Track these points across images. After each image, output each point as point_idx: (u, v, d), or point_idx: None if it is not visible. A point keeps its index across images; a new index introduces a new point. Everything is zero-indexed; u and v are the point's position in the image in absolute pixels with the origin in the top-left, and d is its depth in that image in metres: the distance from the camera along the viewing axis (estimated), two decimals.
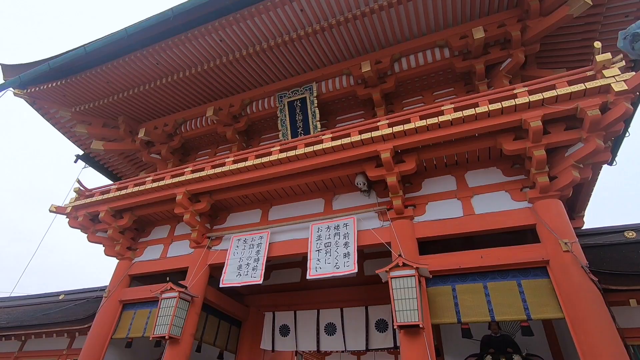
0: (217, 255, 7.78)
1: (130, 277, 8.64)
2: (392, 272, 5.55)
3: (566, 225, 5.49)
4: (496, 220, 5.92)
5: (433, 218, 6.42)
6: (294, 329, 9.04)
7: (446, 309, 5.61)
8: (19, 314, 11.07)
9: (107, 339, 7.79)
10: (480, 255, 5.70)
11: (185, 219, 7.92)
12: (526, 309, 5.19)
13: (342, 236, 6.74)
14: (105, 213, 8.44)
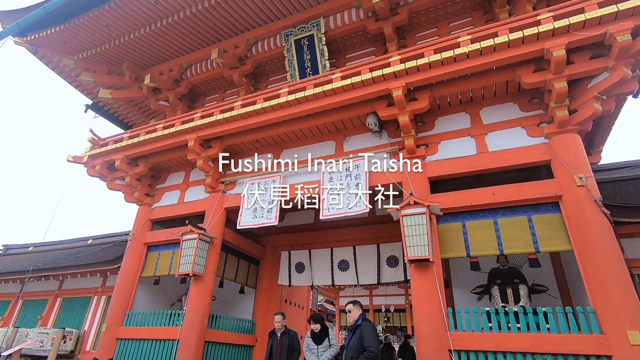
0: (232, 199, 8.01)
1: (151, 221, 9.05)
2: (403, 210, 5.66)
3: (582, 161, 5.38)
4: (510, 157, 5.83)
5: (445, 157, 6.36)
6: (309, 266, 9.54)
7: (456, 244, 5.78)
8: (54, 257, 11.91)
9: (137, 278, 8.41)
10: (492, 192, 5.72)
11: (198, 165, 8.05)
12: (535, 242, 5.31)
13: (353, 177, 6.80)
14: (121, 161, 8.62)
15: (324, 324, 5.68)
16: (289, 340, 5.84)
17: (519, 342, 4.77)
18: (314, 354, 5.46)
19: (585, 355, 4.46)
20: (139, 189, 9.10)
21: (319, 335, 5.53)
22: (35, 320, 10.72)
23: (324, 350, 5.41)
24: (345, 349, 4.30)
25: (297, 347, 5.89)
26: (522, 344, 4.75)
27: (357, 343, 3.95)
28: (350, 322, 4.27)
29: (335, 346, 5.50)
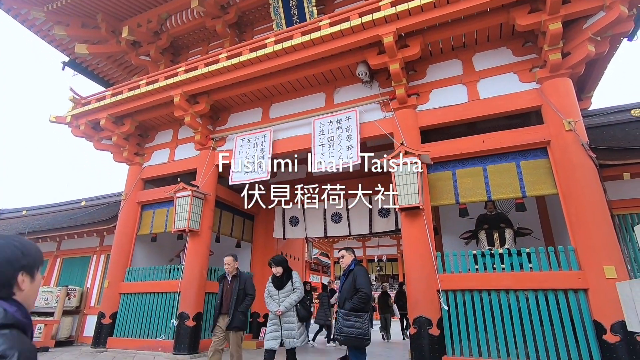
0: (223, 156, 7.95)
1: (143, 181, 9.02)
2: (394, 160, 5.71)
3: (572, 105, 5.39)
4: (501, 103, 5.80)
5: (436, 106, 6.30)
6: (302, 219, 9.75)
7: (445, 192, 5.91)
8: (48, 219, 11.95)
9: (133, 236, 8.54)
10: (482, 140, 5.75)
11: (186, 122, 7.88)
12: (522, 187, 5.45)
13: (344, 129, 6.75)
14: (106, 120, 8.38)
15: (287, 267, 4.92)
16: (241, 284, 5.15)
17: (503, 281, 5.06)
18: (275, 300, 4.72)
19: (563, 290, 4.77)
20: (128, 148, 8.95)
21: (280, 279, 4.80)
22: None
23: (285, 296, 4.67)
24: (339, 292, 4.41)
25: (250, 291, 5.19)
26: (505, 282, 5.04)
27: (350, 286, 4.12)
28: (343, 267, 4.44)
29: (299, 290, 4.77)
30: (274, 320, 4.65)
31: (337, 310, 4.19)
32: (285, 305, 4.58)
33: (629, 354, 4.15)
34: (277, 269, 4.81)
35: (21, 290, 1.16)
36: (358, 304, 4.00)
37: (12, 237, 1.23)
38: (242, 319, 5.01)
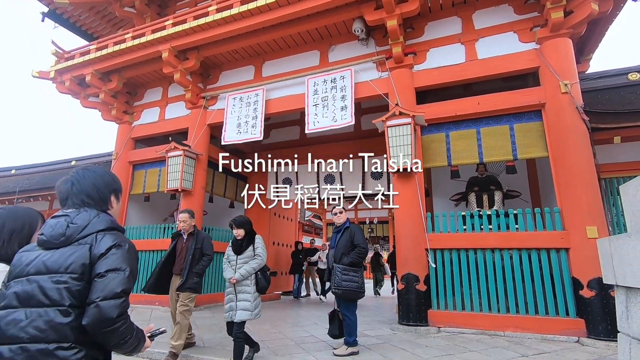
0: (214, 115, 7.80)
1: (133, 140, 8.87)
2: (388, 122, 5.66)
3: (570, 67, 5.31)
4: (499, 64, 5.69)
5: (433, 66, 6.16)
6: (295, 181, 9.79)
7: (438, 154, 5.94)
8: (39, 178, 11.82)
9: (126, 195, 8.53)
10: (478, 101, 5.70)
11: (175, 79, 7.63)
12: (514, 150, 5.49)
13: (339, 89, 6.61)
14: (92, 76, 8.07)
15: (250, 229, 4.11)
16: (197, 244, 4.56)
17: (489, 240, 5.24)
18: (232, 266, 4.01)
19: (546, 249, 4.96)
20: (116, 106, 8.71)
21: (240, 243, 4.03)
22: None
23: (244, 262, 3.94)
24: (334, 248, 4.38)
25: (208, 251, 4.62)
26: (491, 242, 5.22)
27: (347, 242, 4.20)
28: (339, 223, 4.47)
29: (260, 257, 4.02)
30: (229, 289, 4.01)
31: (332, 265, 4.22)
32: (242, 273, 3.87)
33: (602, 308, 4.41)
34: (237, 231, 4.03)
35: (112, 208, 1.51)
36: (357, 258, 4.13)
37: (104, 168, 1.59)
38: (197, 281, 4.42)
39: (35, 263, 1.26)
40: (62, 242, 1.29)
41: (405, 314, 5.34)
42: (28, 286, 1.22)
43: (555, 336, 4.59)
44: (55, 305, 1.19)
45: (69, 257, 1.25)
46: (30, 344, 1.15)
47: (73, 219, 1.34)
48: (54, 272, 1.23)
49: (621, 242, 2.08)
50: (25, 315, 1.18)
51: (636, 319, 2.02)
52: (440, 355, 3.94)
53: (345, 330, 4.13)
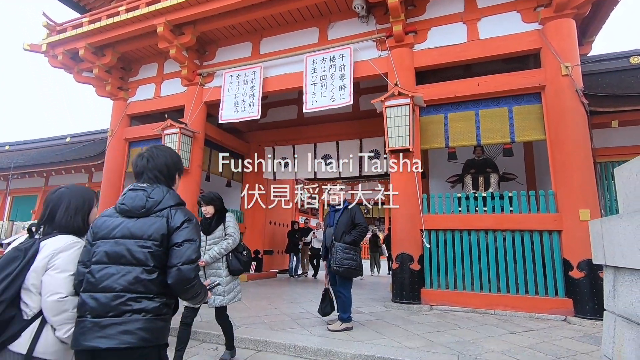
0: (211, 92, 7.69)
1: (129, 117, 8.76)
2: (387, 102, 5.62)
3: (572, 49, 5.24)
4: (501, 45, 5.60)
5: (434, 45, 6.06)
6: (292, 161, 9.78)
7: (436, 136, 5.93)
8: (33, 155, 11.72)
9: (122, 173, 8.50)
10: (477, 83, 5.65)
11: (171, 55, 7.46)
12: (512, 132, 5.48)
13: (337, 68, 6.51)
14: (85, 50, 7.87)
15: (221, 207, 3.64)
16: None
17: (484, 222, 5.31)
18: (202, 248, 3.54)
19: (539, 231, 5.04)
20: (111, 82, 8.55)
21: (209, 222, 3.60)
22: (28, 215, 11.08)
23: (213, 244, 3.53)
24: (333, 226, 4.28)
25: None
26: (486, 223, 5.29)
27: (348, 220, 4.23)
28: (337, 202, 4.46)
29: (232, 237, 3.59)
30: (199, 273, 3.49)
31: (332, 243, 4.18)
32: (211, 255, 3.46)
33: (591, 288, 4.53)
34: (206, 209, 3.57)
35: (175, 185, 1.81)
36: (358, 237, 4.20)
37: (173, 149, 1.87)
38: None
39: (120, 228, 1.55)
40: (143, 213, 1.59)
41: (398, 292, 5.46)
42: (117, 247, 1.52)
43: (544, 315, 4.73)
44: (141, 265, 1.50)
45: (150, 227, 1.55)
46: (121, 292, 1.46)
47: (150, 194, 1.63)
48: (138, 238, 1.53)
49: (612, 223, 2.12)
50: (116, 270, 1.48)
51: (622, 298, 2.08)
52: (431, 332, 4.06)
53: (340, 307, 4.22)
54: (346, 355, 3.35)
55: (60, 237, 1.60)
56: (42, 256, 1.51)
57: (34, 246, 1.53)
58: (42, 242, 1.56)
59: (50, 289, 1.48)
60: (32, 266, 1.48)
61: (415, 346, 3.51)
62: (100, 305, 1.44)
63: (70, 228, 1.65)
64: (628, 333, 1.98)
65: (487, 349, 3.45)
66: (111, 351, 1.41)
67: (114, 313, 1.44)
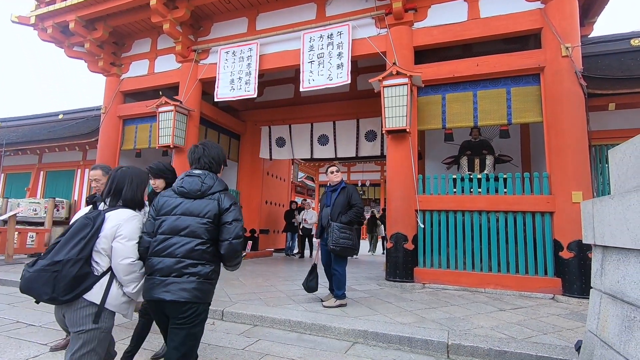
0: (207, 69, 7.55)
1: (122, 93, 8.61)
2: (385, 81, 5.55)
3: (573, 29, 5.17)
4: (502, 24, 5.51)
5: (434, 24, 5.95)
6: (289, 141, 9.73)
7: (433, 117, 5.90)
8: (25, 131, 11.55)
9: (117, 150, 8.42)
10: (477, 63, 5.59)
11: (165, 30, 7.26)
12: (509, 114, 5.47)
13: (335, 46, 6.39)
14: (75, 23, 7.63)
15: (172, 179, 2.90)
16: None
17: (477, 203, 5.36)
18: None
19: (531, 212, 5.11)
20: (103, 57, 8.35)
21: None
22: (22, 192, 11.02)
23: None
24: (330, 206, 4.32)
25: None
26: (479, 204, 5.35)
27: (344, 201, 4.29)
28: (335, 181, 4.44)
29: None
30: None
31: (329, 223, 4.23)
32: None
33: (579, 268, 4.64)
34: (155, 182, 3.00)
35: (220, 174, 2.18)
36: (355, 217, 4.27)
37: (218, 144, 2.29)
38: None
39: (180, 207, 1.95)
40: (198, 195, 1.97)
41: (392, 270, 5.56)
42: (178, 222, 1.91)
43: (533, 293, 4.86)
44: (197, 237, 1.89)
45: (205, 207, 1.94)
46: (182, 258, 1.85)
47: (204, 180, 2.02)
48: (195, 216, 1.92)
49: (604, 203, 2.16)
50: (177, 240, 1.87)
51: (609, 276, 2.14)
52: (423, 308, 4.17)
53: (335, 284, 4.31)
54: (339, 330, 3.44)
55: (122, 211, 1.91)
56: (109, 225, 1.83)
57: (100, 216, 1.83)
58: (107, 214, 1.87)
59: (122, 254, 1.82)
60: (102, 233, 1.80)
61: (407, 322, 3.61)
62: (165, 267, 1.84)
63: (133, 201, 1.99)
64: (613, 309, 2.05)
65: (476, 324, 3.55)
66: (172, 303, 1.81)
67: (175, 274, 1.83)
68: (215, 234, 1.93)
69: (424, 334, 3.21)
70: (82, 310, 1.72)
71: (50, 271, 1.63)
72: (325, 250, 4.37)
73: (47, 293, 1.62)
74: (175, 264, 1.84)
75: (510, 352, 2.86)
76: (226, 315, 3.96)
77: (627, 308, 1.87)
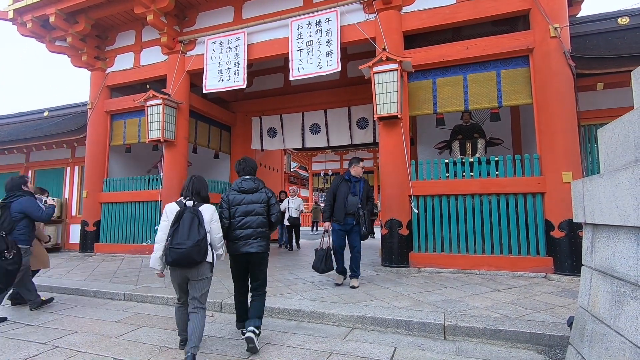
0: (194, 61, 7.42)
1: (108, 88, 8.45)
2: (375, 67, 5.52)
3: (562, 9, 5.17)
4: (491, 5, 5.48)
5: (423, 7, 5.90)
6: (280, 131, 9.67)
7: (424, 102, 5.89)
8: (10, 130, 11.30)
9: (106, 147, 8.31)
10: (466, 46, 5.57)
11: (149, 21, 7.10)
12: (499, 97, 5.49)
13: (324, 33, 6.31)
14: (56, 16, 7.42)
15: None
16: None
17: (470, 187, 5.41)
18: None
19: (523, 194, 5.18)
20: (86, 51, 8.15)
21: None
22: None
23: None
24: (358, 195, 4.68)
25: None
26: (472, 188, 5.40)
27: (365, 193, 4.78)
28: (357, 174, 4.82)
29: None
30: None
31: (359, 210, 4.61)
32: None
33: (570, 247, 4.73)
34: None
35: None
36: (373, 208, 5.03)
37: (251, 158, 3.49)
38: None
39: (245, 199, 3.13)
40: (253, 190, 3.17)
41: (388, 256, 5.62)
42: (247, 207, 3.11)
43: (525, 273, 4.96)
44: (260, 215, 3.12)
45: (260, 197, 3.16)
46: (256, 228, 3.08)
47: (254, 181, 3.22)
48: (256, 203, 3.13)
49: (593, 182, 2.19)
50: (250, 219, 3.08)
51: (599, 253, 2.19)
52: (419, 292, 4.24)
53: (356, 265, 4.70)
54: (338, 316, 3.49)
55: (208, 205, 2.90)
56: (207, 215, 2.81)
57: (197, 209, 2.79)
58: (200, 207, 2.82)
59: (217, 231, 2.87)
60: (204, 220, 2.75)
61: (404, 306, 3.67)
62: (246, 235, 3.06)
63: (207, 199, 2.96)
64: (603, 285, 2.10)
65: (472, 305, 3.63)
66: (256, 253, 3.06)
67: (254, 237, 3.07)
68: (267, 212, 3.17)
69: (420, 317, 3.27)
70: (205, 265, 2.75)
71: (199, 246, 2.64)
72: (344, 232, 4.69)
73: (198, 258, 2.64)
74: (253, 231, 3.07)
75: (505, 331, 2.93)
76: (225, 307, 3.98)
77: (617, 283, 1.92)
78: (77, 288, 4.98)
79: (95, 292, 4.83)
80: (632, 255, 1.77)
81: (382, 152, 5.89)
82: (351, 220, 4.64)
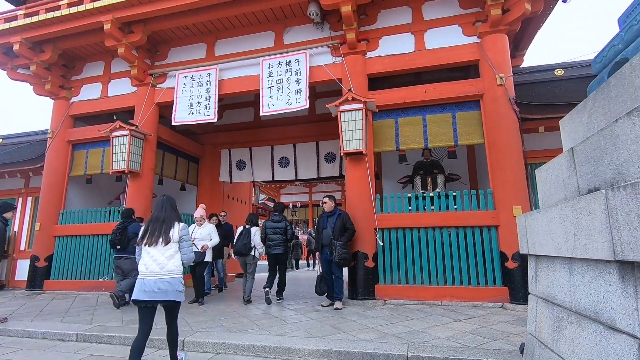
0: (164, 94, 7.47)
1: (72, 117, 8.25)
2: (341, 106, 5.84)
3: (505, 61, 5.81)
4: (445, 55, 6.05)
5: (385, 53, 6.40)
6: (249, 163, 9.74)
7: (388, 139, 6.25)
8: None
9: (65, 177, 7.98)
10: (425, 90, 6.05)
11: (120, 53, 7.16)
12: (455, 137, 5.94)
13: (293, 72, 6.64)
14: (20, 45, 7.30)
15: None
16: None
17: (431, 220, 5.69)
18: None
19: (479, 227, 5.51)
20: (50, 79, 8.00)
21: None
22: None
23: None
24: (329, 228, 5.50)
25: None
26: (433, 221, 5.68)
27: (341, 224, 5.44)
28: (328, 210, 5.66)
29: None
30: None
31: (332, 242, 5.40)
32: None
33: (523, 277, 5.03)
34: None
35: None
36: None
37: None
38: None
39: (273, 225, 6.06)
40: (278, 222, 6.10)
41: (354, 289, 5.69)
42: (274, 228, 6.02)
43: (484, 303, 5.18)
44: (280, 234, 6.02)
45: (280, 224, 6.08)
46: (278, 239, 5.98)
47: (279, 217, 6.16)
48: (278, 228, 6.04)
49: (533, 217, 2.45)
50: (275, 237, 5.98)
51: (542, 282, 2.41)
52: (384, 324, 4.31)
53: (338, 289, 5.46)
54: (304, 351, 3.47)
55: (255, 227, 6.08)
56: (253, 232, 6.01)
57: (248, 229, 6.02)
58: (252, 229, 6.05)
59: (258, 242, 5.96)
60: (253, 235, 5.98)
61: (369, 338, 3.71)
62: (273, 243, 5.93)
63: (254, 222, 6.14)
64: (546, 311, 2.30)
65: (434, 336, 3.74)
66: (278, 255, 5.98)
67: (276, 244, 5.92)
68: (285, 233, 5.95)
69: (385, 349, 3.33)
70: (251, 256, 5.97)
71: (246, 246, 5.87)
72: (326, 261, 5.55)
73: (246, 252, 5.86)
74: (277, 241, 5.89)
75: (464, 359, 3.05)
76: (187, 345, 3.84)
77: (556, 309, 2.12)
78: (23, 330, 4.60)
79: (43, 333, 4.48)
80: (565, 283, 1.98)
81: (349, 187, 6.10)
82: (327, 250, 5.52)
